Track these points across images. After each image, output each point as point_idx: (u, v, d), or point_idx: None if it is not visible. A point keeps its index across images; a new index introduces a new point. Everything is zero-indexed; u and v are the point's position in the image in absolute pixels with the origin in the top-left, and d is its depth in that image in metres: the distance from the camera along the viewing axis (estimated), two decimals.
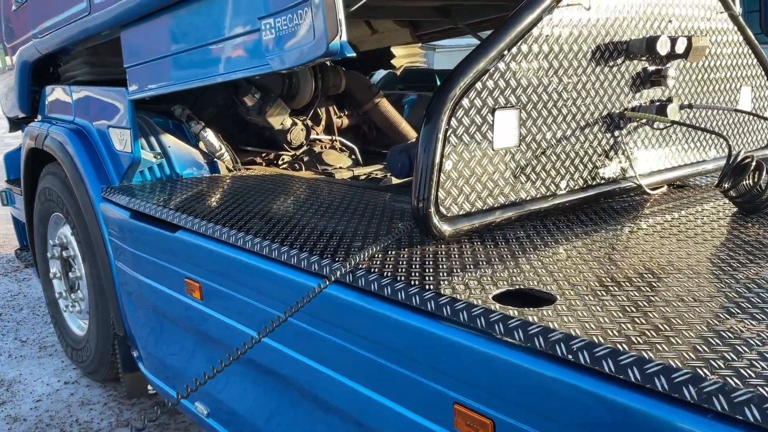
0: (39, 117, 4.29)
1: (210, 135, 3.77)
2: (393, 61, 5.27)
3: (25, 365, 4.27)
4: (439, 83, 5.29)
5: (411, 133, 4.56)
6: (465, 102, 2.05)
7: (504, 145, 2.19)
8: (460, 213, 2.11)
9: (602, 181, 2.53)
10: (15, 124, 4.88)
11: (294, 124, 4.12)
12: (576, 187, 2.44)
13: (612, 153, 2.54)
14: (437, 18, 4.24)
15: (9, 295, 5.46)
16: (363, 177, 3.95)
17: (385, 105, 4.58)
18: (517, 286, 1.71)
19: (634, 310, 1.53)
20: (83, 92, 3.65)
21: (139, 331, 3.25)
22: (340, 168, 4.16)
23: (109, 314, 3.45)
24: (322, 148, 4.36)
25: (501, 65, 2.12)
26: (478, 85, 2.08)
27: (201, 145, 3.77)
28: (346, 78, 4.46)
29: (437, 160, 2.01)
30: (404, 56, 5.31)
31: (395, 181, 3.53)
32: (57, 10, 3.51)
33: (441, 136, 2.01)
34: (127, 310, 3.27)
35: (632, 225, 2.37)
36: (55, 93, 4.02)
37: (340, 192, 3.03)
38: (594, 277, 1.77)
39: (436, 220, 2.04)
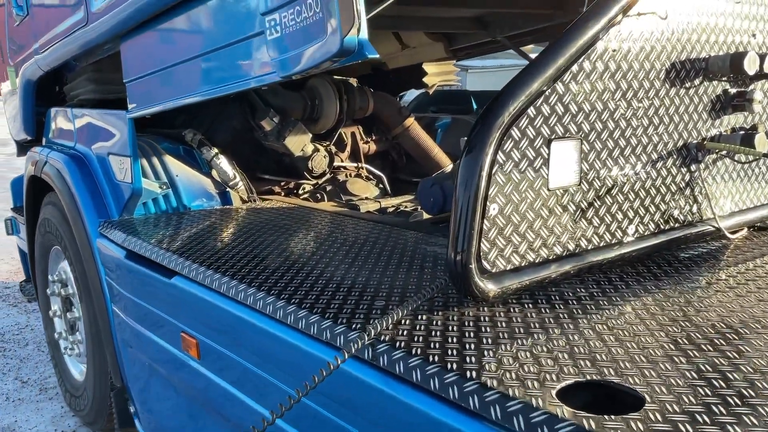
0: (44, 141, 4.00)
1: (223, 162, 3.43)
2: (425, 80, 4.84)
3: (22, 410, 3.94)
4: (475, 106, 4.90)
5: (444, 161, 4.17)
6: (515, 131, 1.66)
7: (561, 184, 1.78)
8: (508, 268, 1.71)
9: (676, 225, 2.11)
10: (23, 148, 4.59)
11: (316, 150, 3.75)
12: (646, 233, 2.02)
13: (688, 191, 2.12)
14: (474, 30, 3.83)
15: (16, 328, 5.16)
16: (391, 209, 3.57)
17: (416, 130, 4.21)
18: (589, 377, 1.30)
19: (756, 422, 1.11)
20: (84, 115, 3.34)
21: (136, 384, 2.88)
22: (366, 199, 3.78)
23: (107, 362, 3.10)
24: (346, 176, 4.00)
25: (559, 86, 1.73)
26: (531, 110, 1.68)
27: (214, 173, 3.42)
28: (374, 100, 4.10)
29: (480, 202, 1.62)
30: (437, 74, 4.88)
31: (426, 215, 3.14)
32: (55, 21, 3.21)
33: (485, 173, 1.61)
34: (124, 360, 2.91)
35: (712, 276, 1.96)
36: (59, 116, 3.72)
37: (364, 230, 2.65)
38: (683, 358, 1.35)
39: (477, 277, 1.64)
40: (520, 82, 1.67)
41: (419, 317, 1.63)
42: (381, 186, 4.04)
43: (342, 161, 4.03)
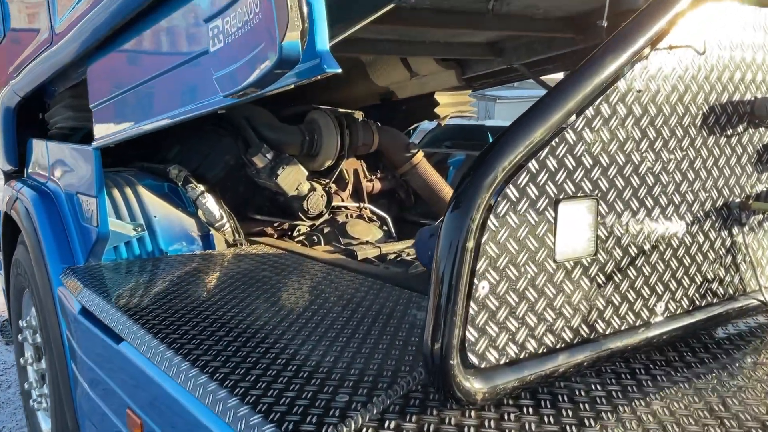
0: (25, 173, 3.74)
1: (210, 201, 3.13)
2: (438, 110, 4.45)
3: None
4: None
5: None
6: (511, 190, 1.33)
7: (572, 255, 1.44)
8: (502, 361, 1.36)
9: (714, 300, 1.75)
10: (10, 179, 4.35)
11: (312, 189, 3.44)
12: (678, 311, 1.66)
13: (729, 259, 1.76)
14: (488, 57, 3.49)
15: (1, 368, 4.88)
16: (392, 256, 3.23)
17: (425, 167, 3.87)
18: None
19: None
20: (55, 148, 3.07)
21: None
22: (367, 243, 3.45)
23: (68, 425, 2.78)
24: (347, 217, 3.67)
25: (569, 134, 1.39)
26: (533, 164, 1.35)
27: (199, 213, 3.12)
28: (380, 134, 3.78)
29: (465, 279, 1.28)
30: (450, 105, 4.49)
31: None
32: (24, 43, 2.96)
33: (472, 243, 1.28)
34: (83, 427, 2.59)
35: (758, 365, 1.60)
36: (36, 147, 3.46)
37: (352, 286, 2.32)
38: None
39: (461, 375, 1.30)
40: (518, 129, 1.34)
41: (386, 424, 1.29)
42: (385, 228, 3.71)
43: (342, 200, 3.71)
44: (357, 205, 3.75)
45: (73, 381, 2.59)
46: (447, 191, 3.87)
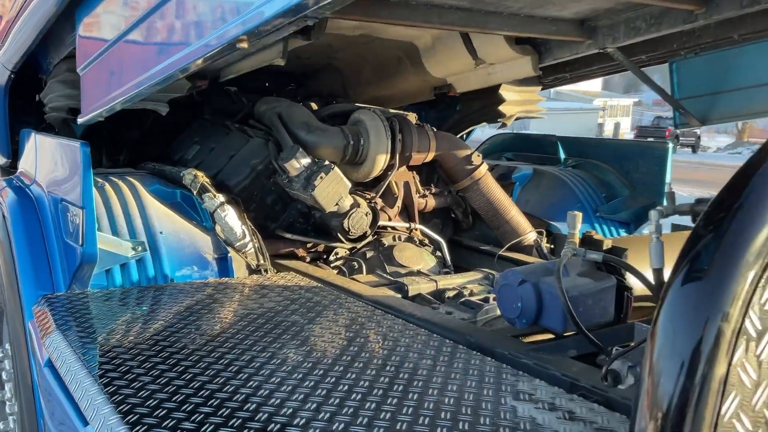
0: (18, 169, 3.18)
1: (230, 215, 2.54)
2: (502, 108, 3.67)
3: None
4: (563, 155, 3.90)
5: (523, 225, 3.19)
6: None
7: None
8: None
9: None
10: (6, 173, 3.82)
11: (356, 205, 2.82)
12: None
13: None
14: (576, 38, 2.81)
15: None
16: (450, 294, 2.59)
17: (489, 183, 3.24)
18: None
19: None
20: (41, 142, 2.49)
21: None
22: (418, 273, 2.82)
23: None
24: (394, 239, 3.05)
25: None
26: None
27: (217, 228, 2.53)
28: (437, 141, 3.16)
29: (712, 402, 0.65)
30: (517, 103, 3.72)
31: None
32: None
33: (723, 367, 0.65)
34: None
35: None
36: (27, 139, 2.89)
37: (413, 347, 1.70)
38: None
39: None
40: None
41: None
42: (438, 254, 3.08)
43: (390, 219, 3.10)
44: (407, 225, 3.13)
45: None
46: (513, 213, 3.23)
